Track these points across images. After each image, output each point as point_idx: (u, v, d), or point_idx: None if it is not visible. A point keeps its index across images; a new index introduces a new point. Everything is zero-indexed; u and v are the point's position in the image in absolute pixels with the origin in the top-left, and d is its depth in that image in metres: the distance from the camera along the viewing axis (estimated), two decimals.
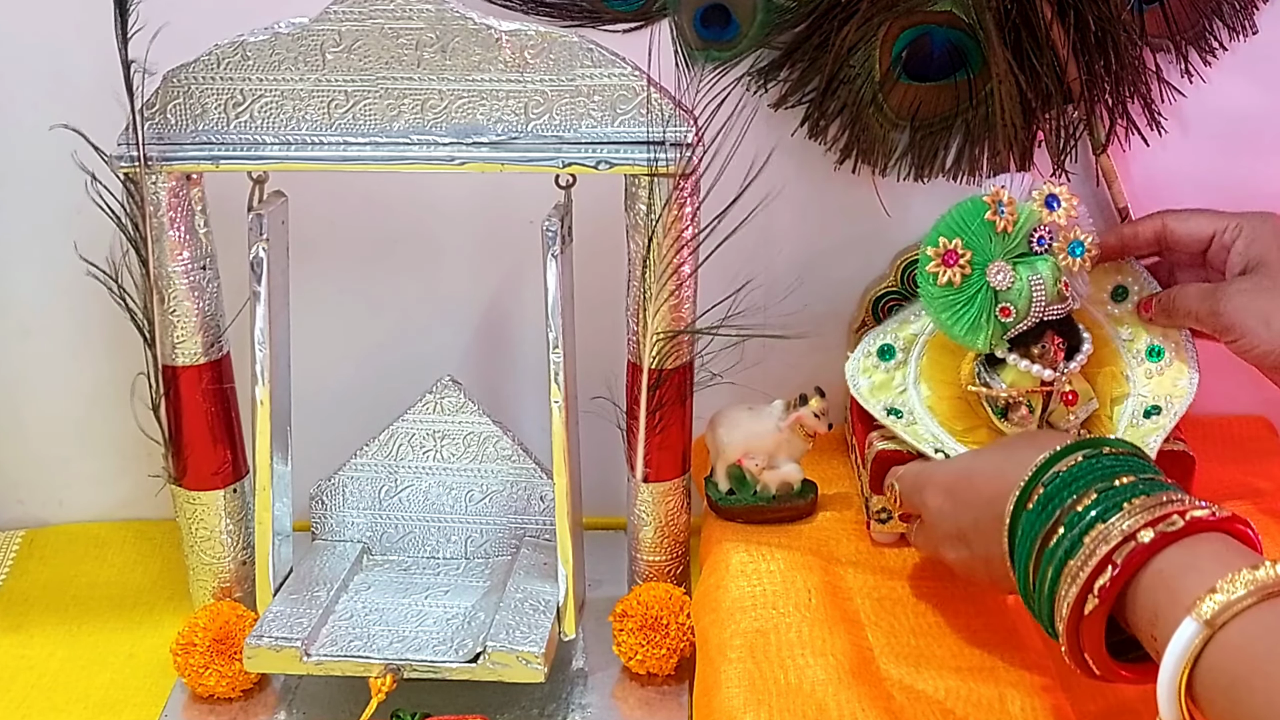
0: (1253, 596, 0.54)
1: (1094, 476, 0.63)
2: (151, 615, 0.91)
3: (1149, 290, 0.86)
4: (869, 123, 0.88)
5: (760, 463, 0.86)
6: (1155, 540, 0.58)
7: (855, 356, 0.87)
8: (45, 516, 1.01)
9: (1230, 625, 0.54)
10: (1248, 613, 0.54)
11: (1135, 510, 0.60)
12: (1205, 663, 0.54)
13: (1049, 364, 0.80)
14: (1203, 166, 0.91)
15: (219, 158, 0.77)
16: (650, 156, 0.75)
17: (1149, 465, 0.65)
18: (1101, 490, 0.62)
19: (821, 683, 0.71)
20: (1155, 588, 0.58)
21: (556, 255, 0.76)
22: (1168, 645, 0.55)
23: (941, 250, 0.79)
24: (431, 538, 0.89)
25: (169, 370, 0.82)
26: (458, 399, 0.87)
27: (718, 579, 0.81)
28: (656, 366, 0.80)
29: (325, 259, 0.93)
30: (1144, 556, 0.59)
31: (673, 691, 0.82)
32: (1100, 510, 0.61)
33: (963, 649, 0.76)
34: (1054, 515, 0.63)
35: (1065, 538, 0.62)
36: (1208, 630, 0.54)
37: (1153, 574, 0.58)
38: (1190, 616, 0.55)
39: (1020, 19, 0.84)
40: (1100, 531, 0.60)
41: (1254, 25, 0.88)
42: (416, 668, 0.78)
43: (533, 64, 0.75)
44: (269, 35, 0.75)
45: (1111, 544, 0.59)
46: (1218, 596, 0.55)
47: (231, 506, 0.86)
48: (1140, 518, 0.60)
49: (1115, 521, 0.60)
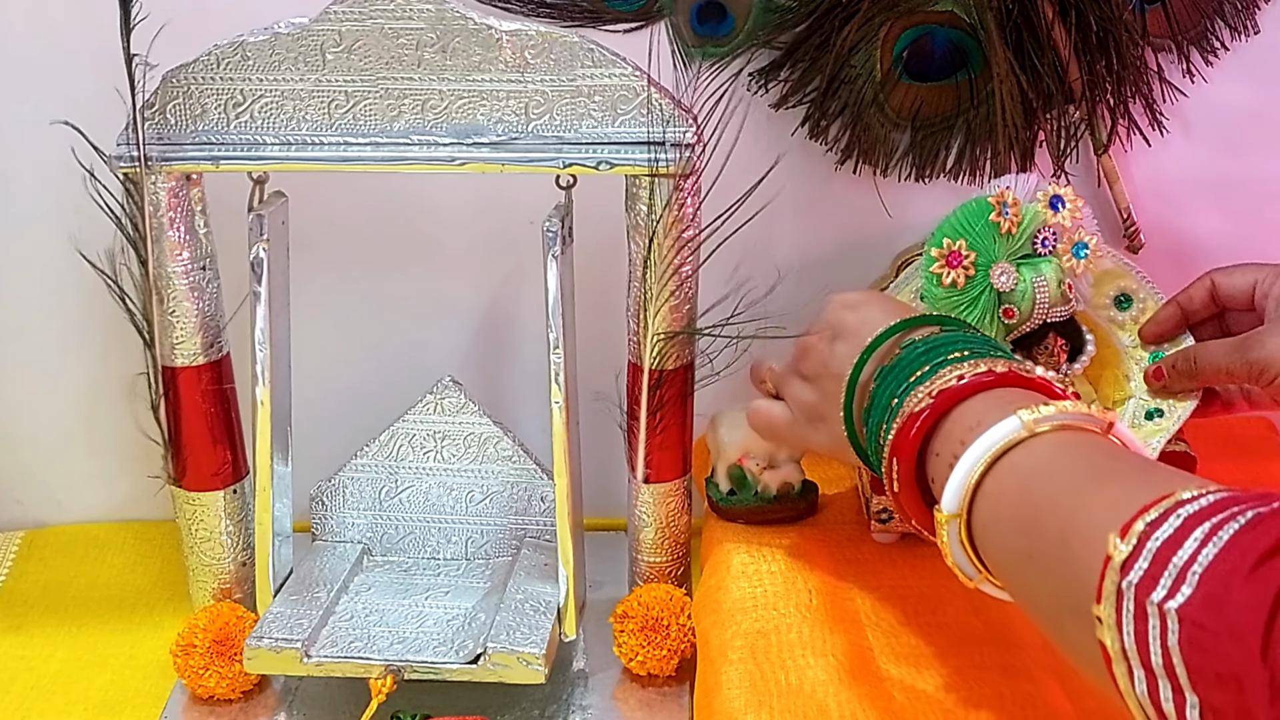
0: (1072, 419, 0.59)
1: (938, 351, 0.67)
2: (151, 616, 0.91)
3: (1152, 298, 0.85)
4: (870, 123, 0.88)
5: (761, 463, 0.86)
6: (1000, 377, 0.64)
7: None
8: (44, 517, 1.01)
9: (1044, 436, 0.58)
10: (1061, 431, 0.59)
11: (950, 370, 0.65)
12: (1011, 457, 0.59)
13: (1051, 366, 0.80)
14: (1204, 166, 0.91)
15: (219, 158, 0.77)
16: (651, 157, 0.75)
17: (992, 343, 0.69)
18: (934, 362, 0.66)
19: (822, 683, 0.71)
20: (982, 407, 0.62)
21: (557, 256, 0.76)
22: (978, 438, 0.59)
23: (946, 251, 0.79)
24: (432, 539, 0.89)
25: (168, 371, 0.82)
26: (458, 399, 0.87)
27: (719, 580, 0.81)
28: (657, 367, 0.80)
29: (325, 259, 0.93)
30: (967, 391, 0.63)
31: (673, 693, 0.82)
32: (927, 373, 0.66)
33: (963, 648, 0.75)
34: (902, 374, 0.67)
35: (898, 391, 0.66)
36: (1025, 432, 0.58)
37: (980, 400, 0.63)
38: (1014, 416, 0.59)
39: (1022, 19, 0.84)
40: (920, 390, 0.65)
41: (1255, 25, 0.88)
42: (417, 669, 0.77)
43: (533, 64, 0.74)
44: (269, 35, 0.75)
45: (939, 382, 0.64)
46: (1047, 410, 0.59)
47: (231, 507, 0.86)
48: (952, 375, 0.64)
49: (934, 380, 0.65)
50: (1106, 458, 0.58)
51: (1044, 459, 0.58)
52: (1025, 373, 0.64)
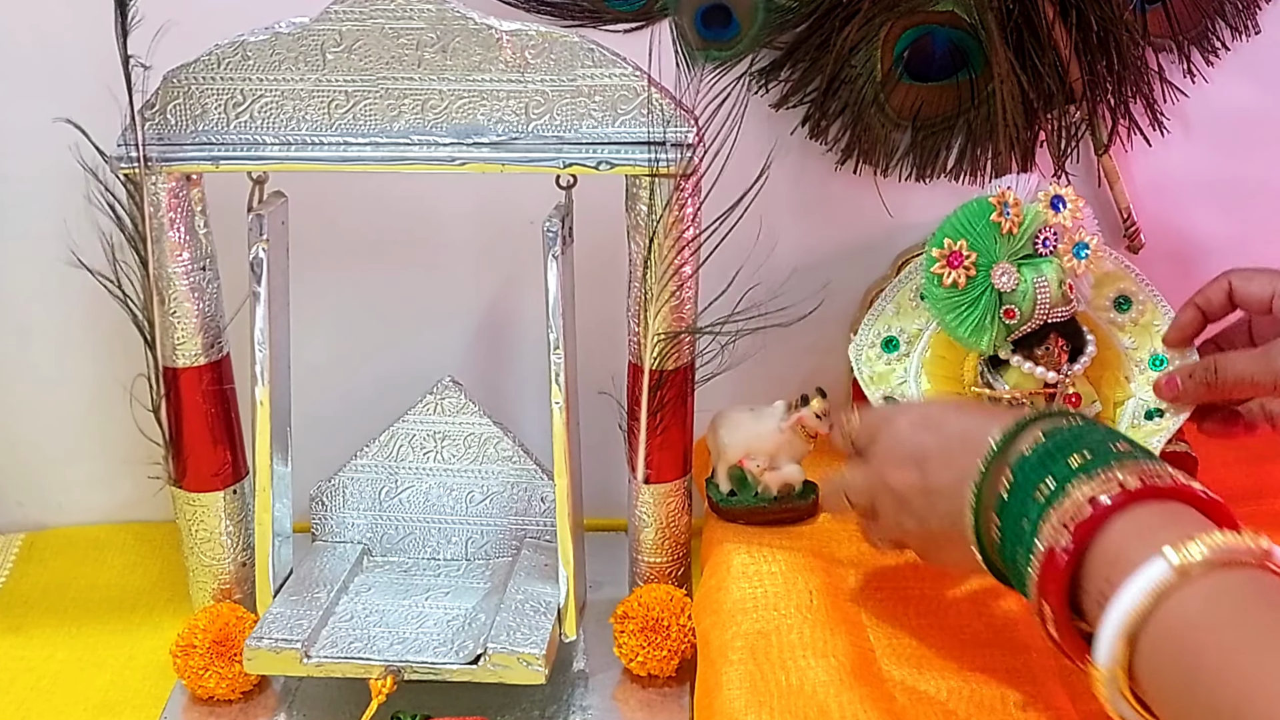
0: (1225, 557, 0.53)
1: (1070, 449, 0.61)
2: (151, 617, 0.91)
3: (1152, 301, 0.85)
4: (870, 123, 0.88)
5: (761, 464, 0.86)
6: (1140, 490, 0.58)
7: (859, 344, 0.86)
8: (45, 519, 1.01)
9: (1199, 580, 0.53)
10: (1217, 572, 0.53)
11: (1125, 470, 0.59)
12: (1163, 610, 0.53)
13: (1052, 366, 0.80)
14: (1205, 166, 0.91)
15: (219, 158, 0.77)
16: (651, 157, 0.75)
17: (1104, 432, 0.63)
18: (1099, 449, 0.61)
19: (823, 684, 0.71)
20: (1122, 537, 0.57)
21: (557, 256, 0.76)
22: (1124, 582, 0.54)
23: (947, 252, 0.79)
24: (432, 539, 0.88)
25: (169, 371, 0.82)
26: (458, 400, 0.86)
27: (719, 580, 0.81)
28: (657, 367, 0.80)
29: (325, 259, 0.92)
30: (1103, 517, 0.57)
31: (674, 693, 0.81)
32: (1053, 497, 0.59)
33: (964, 650, 0.75)
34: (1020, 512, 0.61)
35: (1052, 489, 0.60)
36: (1177, 577, 0.53)
37: (1122, 524, 0.57)
38: (1160, 557, 0.53)
39: (1022, 19, 0.84)
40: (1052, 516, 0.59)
41: (1256, 25, 0.88)
42: (417, 669, 0.77)
43: (534, 64, 0.74)
44: (269, 35, 0.75)
45: (1071, 508, 0.58)
46: (1195, 547, 0.53)
47: (231, 508, 0.85)
48: (1130, 475, 0.58)
49: (1104, 471, 0.59)
50: (1271, 609, 0.52)
51: (1203, 613, 0.52)
52: (1159, 480, 0.58)
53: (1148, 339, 0.85)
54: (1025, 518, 0.60)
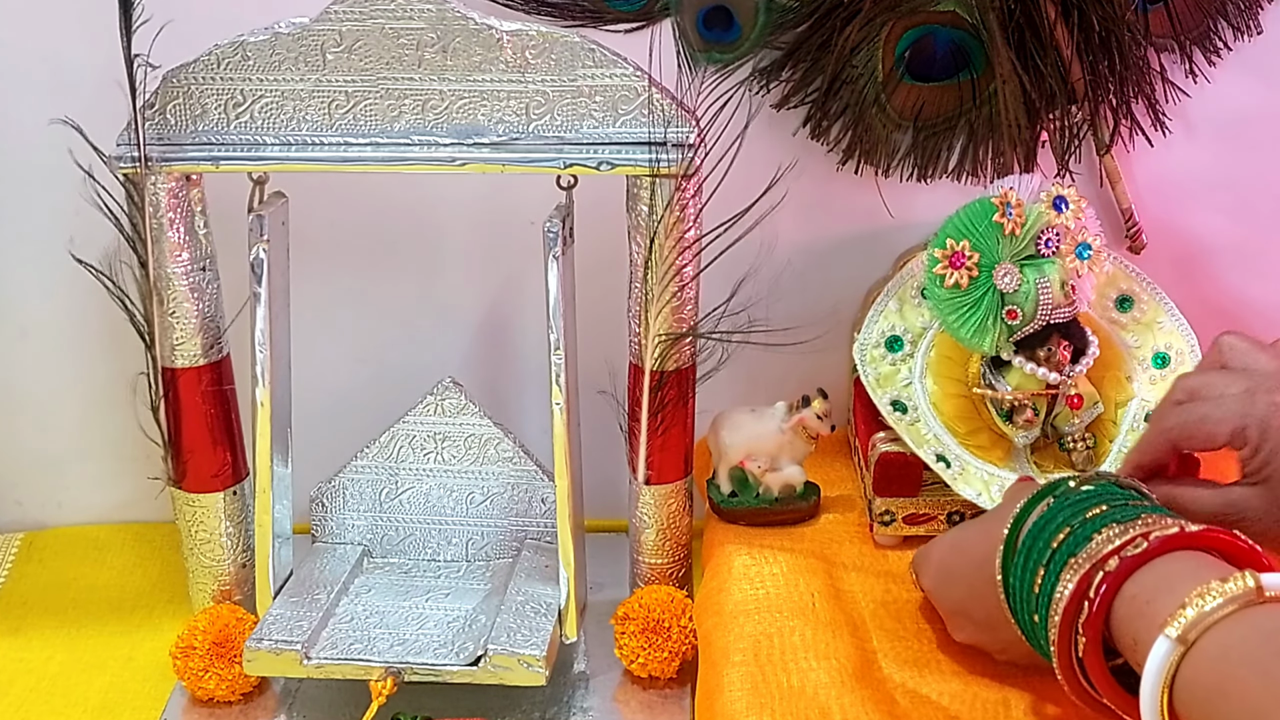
0: (1224, 609, 0.53)
1: (1066, 514, 0.63)
2: (151, 618, 0.90)
3: (1153, 299, 0.85)
4: (872, 123, 0.88)
5: (763, 465, 0.86)
6: (1122, 566, 0.58)
7: (863, 344, 0.86)
8: (44, 519, 1.01)
9: (1203, 640, 0.53)
10: (1219, 625, 0.53)
11: (1103, 540, 0.60)
12: (1182, 679, 0.54)
13: (1054, 367, 0.80)
14: (1207, 167, 0.91)
15: (219, 158, 0.77)
16: (652, 157, 0.75)
17: (1123, 491, 0.64)
18: (1074, 526, 0.61)
19: (825, 686, 0.70)
20: (1130, 614, 0.57)
21: (558, 256, 0.76)
22: (1145, 666, 0.55)
23: (949, 252, 0.79)
24: (432, 540, 0.88)
25: (168, 372, 0.81)
26: (459, 401, 0.86)
27: (720, 582, 0.81)
28: (658, 368, 0.80)
29: (326, 260, 0.92)
30: (1114, 585, 0.58)
31: (675, 695, 0.81)
32: (1072, 545, 0.61)
33: (966, 652, 0.75)
34: (1036, 561, 0.62)
35: (1046, 580, 0.61)
36: (1181, 647, 0.53)
37: (1126, 600, 0.58)
38: (1163, 635, 0.54)
39: (1024, 19, 0.84)
40: (1073, 566, 0.60)
41: (1258, 25, 0.88)
42: (417, 671, 0.77)
43: (534, 64, 0.74)
44: (269, 35, 0.75)
45: (1080, 575, 0.59)
46: (1188, 612, 0.54)
47: (231, 509, 0.85)
48: (1106, 546, 0.59)
49: (1084, 554, 0.60)
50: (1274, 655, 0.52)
51: (1211, 676, 0.53)
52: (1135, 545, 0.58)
53: (1150, 336, 0.85)
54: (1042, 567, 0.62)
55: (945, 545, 0.74)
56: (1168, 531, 0.58)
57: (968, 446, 0.83)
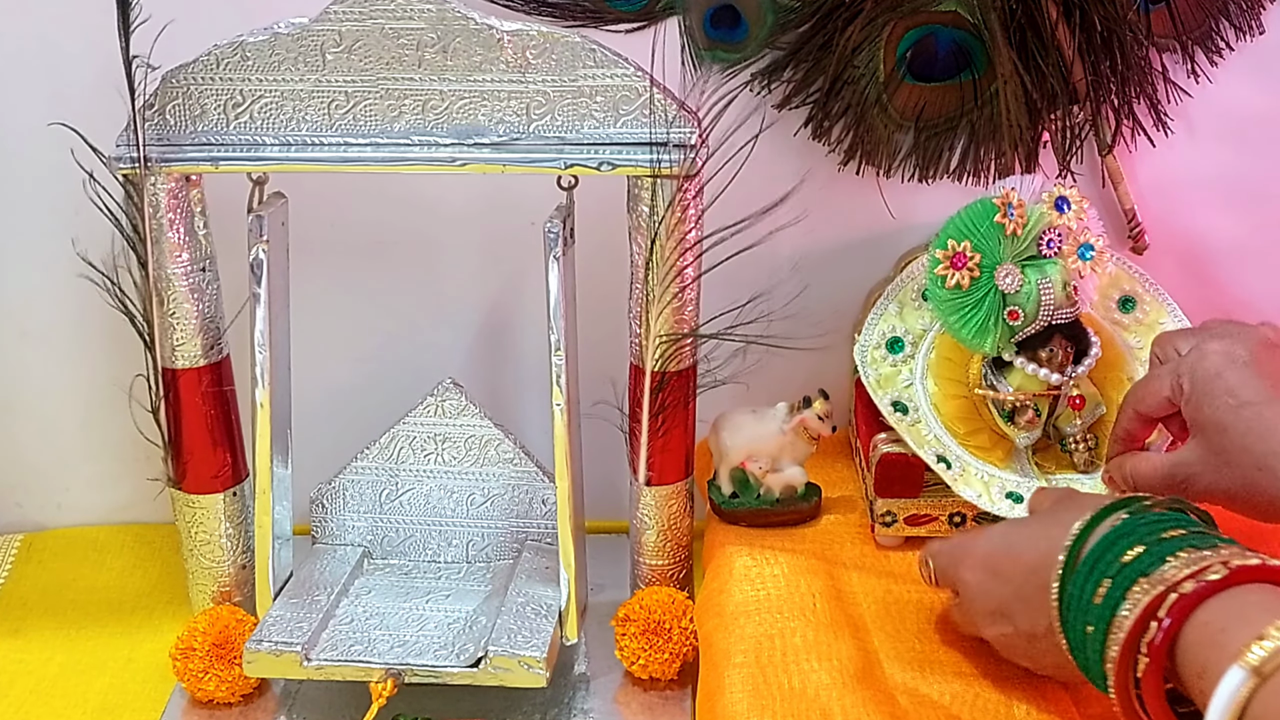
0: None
1: (1141, 532, 0.61)
2: (150, 620, 0.90)
3: (1155, 299, 0.85)
4: (873, 123, 0.88)
5: (764, 466, 0.86)
6: (1198, 590, 0.57)
7: (863, 345, 0.86)
8: (43, 520, 1.01)
9: (1279, 674, 0.52)
10: None
11: (1180, 563, 0.58)
12: (1253, 713, 0.52)
13: (1056, 368, 0.80)
14: (1209, 167, 0.91)
15: (219, 159, 0.77)
16: (653, 158, 0.74)
17: (1195, 519, 0.63)
18: (1149, 544, 0.60)
19: (826, 687, 0.70)
20: (1201, 641, 0.56)
21: (558, 257, 0.76)
22: (1213, 695, 0.53)
23: (950, 253, 0.79)
24: (432, 541, 0.88)
25: (168, 373, 0.81)
26: (459, 402, 0.86)
27: (721, 583, 0.81)
28: (659, 369, 0.80)
29: (326, 261, 0.92)
30: (1188, 608, 0.57)
31: (675, 696, 0.81)
32: (1145, 563, 0.59)
33: (968, 653, 0.75)
34: (1102, 573, 0.61)
35: (1111, 594, 0.60)
36: (1256, 679, 0.52)
37: (1198, 626, 0.56)
38: (1238, 664, 0.53)
39: (1025, 19, 0.84)
40: (1144, 585, 0.58)
41: (1260, 25, 0.88)
42: (417, 672, 0.77)
43: (535, 64, 0.74)
44: (269, 35, 0.74)
45: (1153, 595, 0.57)
46: (1266, 644, 0.52)
47: (231, 510, 0.85)
48: (1184, 570, 0.58)
49: (1158, 574, 0.58)
50: None
51: None
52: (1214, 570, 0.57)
53: (1152, 337, 0.84)
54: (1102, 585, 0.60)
55: (995, 542, 0.71)
56: (1248, 562, 0.57)
57: (968, 447, 0.83)
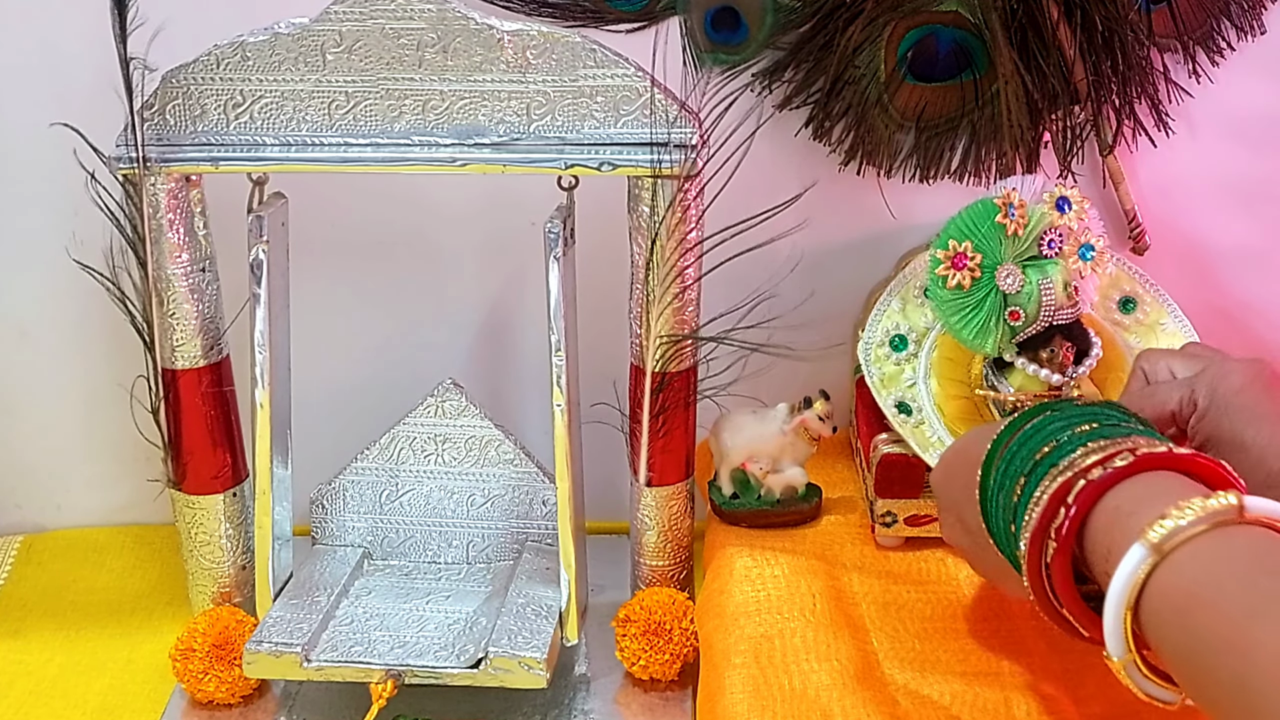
0: (1202, 524, 0.53)
1: (1056, 427, 0.62)
2: (150, 620, 0.90)
3: (1156, 300, 0.85)
4: (874, 124, 0.88)
5: (764, 466, 0.86)
6: (1106, 477, 0.57)
7: (866, 342, 0.86)
8: (43, 521, 1.01)
9: (1178, 551, 0.52)
10: (1197, 540, 0.52)
11: (1088, 451, 0.59)
12: (1152, 588, 0.53)
13: (1057, 368, 0.80)
14: (1210, 167, 0.91)
15: (218, 159, 0.76)
16: (654, 158, 0.74)
17: (1123, 415, 0.63)
18: (1061, 440, 0.60)
19: (826, 688, 0.70)
20: (1107, 525, 0.56)
21: (559, 257, 0.76)
22: (1115, 573, 0.54)
23: (951, 253, 0.79)
24: (433, 542, 0.88)
25: (168, 373, 0.81)
26: (459, 402, 0.86)
27: (721, 584, 0.81)
28: (660, 370, 0.79)
29: (326, 261, 0.92)
30: (1095, 494, 0.57)
31: (676, 697, 0.81)
32: (1056, 456, 0.59)
33: (968, 653, 0.75)
34: (1017, 470, 0.61)
35: (1025, 488, 0.60)
36: (1155, 555, 0.53)
37: (1105, 511, 0.57)
38: (1139, 542, 0.53)
39: (1027, 19, 0.84)
40: (1053, 474, 0.59)
41: (1262, 25, 0.88)
42: (418, 673, 0.77)
43: (535, 64, 0.74)
44: (269, 36, 0.74)
45: (1060, 482, 0.58)
46: (1167, 523, 0.53)
47: (231, 511, 0.85)
48: (1091, 457, 0.58)
49: (1067, 462, 0.59)
50: (1257, 569, 0.52)
51: (1185, 587, 0.52)
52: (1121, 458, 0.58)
53: (1153, 338, 0.85)
54: (1022, 475, 0.61)
55: (953, 445, 0.73)
56: (1155, 450, 0.58)
57: None
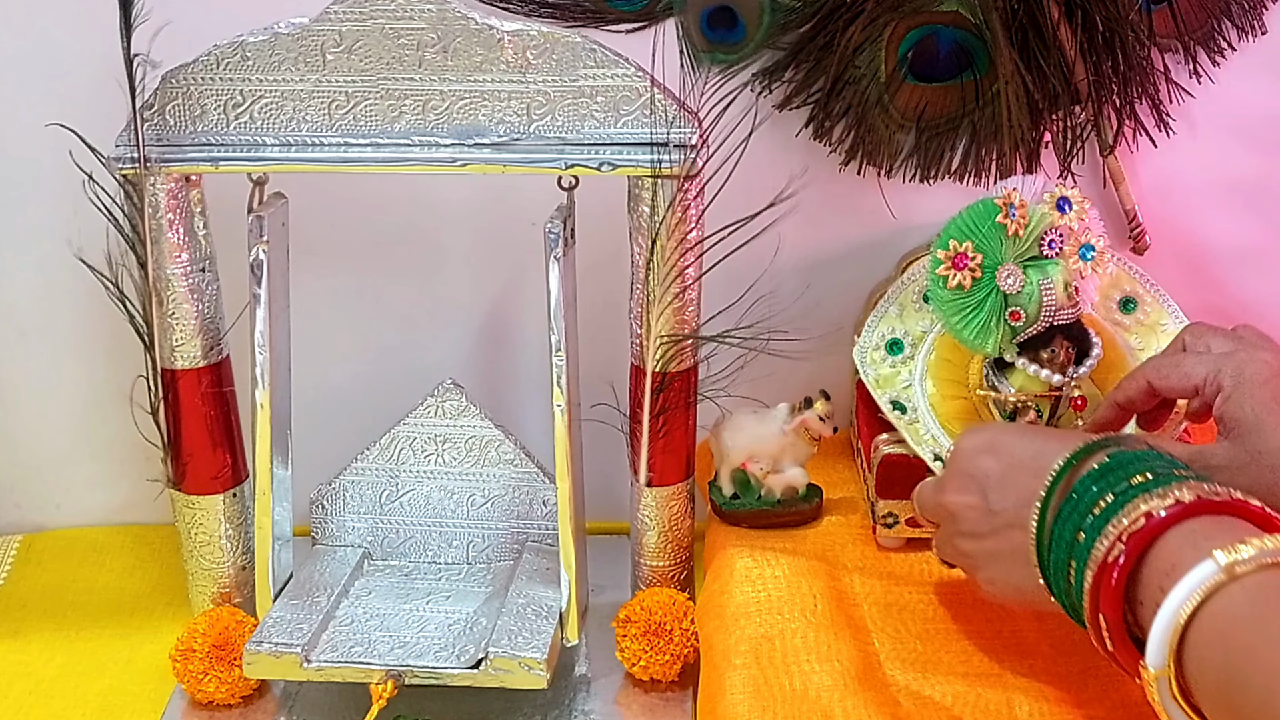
0: (1268, 557, 0.54)
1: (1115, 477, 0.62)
2: (150, 621, 0.90)
3: (1156, 300, 0.85)
4: (874, 124, 0.87)
5: (765, 466, 0.86)
6: (1171, 515, 0.58)
7: (863, 346, 0.86)
8: (43, 521, 1.01)
9: (1242, 580, 0.54)
10: (1263, 572, 0.54)
11: (1150, 497, 0.59)
12: (1207, 610, 0.54)
13: (1058, 369, 0.80)
14: (1211, 167, 0.91)
15: (218, 159, 0.76)
16: (654, 158, 0.74)
17: (1167, 459, 0.64)
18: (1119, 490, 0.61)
19: (827, 689, 0.70)
20: (1176, 547, 0.57)
21: (559, 257, 0.76)
22: (1175, 585, 0.55)
23: (952, 253, 0.79)
24: (433, 543, 0.88)
25: (168, 373, 0.81)
26: (459, 402, 0.86)
27: (722, 584, 0.81)
28: (660, 370, 0.79)
29: (326, 261, 0.92)
30: (1161, 527, 0.58)
31: (676, 698, 0.81)
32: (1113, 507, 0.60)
33: (969, 654, 0.75)
34: (1075, 522, 0.62)
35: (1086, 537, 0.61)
36: (1224, 576, 0.54)
37: (1178, 533, 0.58)
38: (1210, 559, 0.54)
39: (1027, 19, 0.83)
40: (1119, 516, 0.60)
41: (1263, 25, 0.88)
42: (418, 674, 0.77)
43: (535, 65, 0.74)
44: (269, 36, 0.74)
45: (1128, 521, 0.59)
46: (1242, 548, 0.54)
47: (231, 511, 0.85)
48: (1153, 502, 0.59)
49: (1129, 508, 0.59)
50: None
51: (1246, 608, 0.54)
52: (1215, 496, 0.59)
53: (1153, 339, 0.85)
54: (1082, 530, 0.61)
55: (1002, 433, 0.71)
56: (1219, 496, 0.59)
57: None
